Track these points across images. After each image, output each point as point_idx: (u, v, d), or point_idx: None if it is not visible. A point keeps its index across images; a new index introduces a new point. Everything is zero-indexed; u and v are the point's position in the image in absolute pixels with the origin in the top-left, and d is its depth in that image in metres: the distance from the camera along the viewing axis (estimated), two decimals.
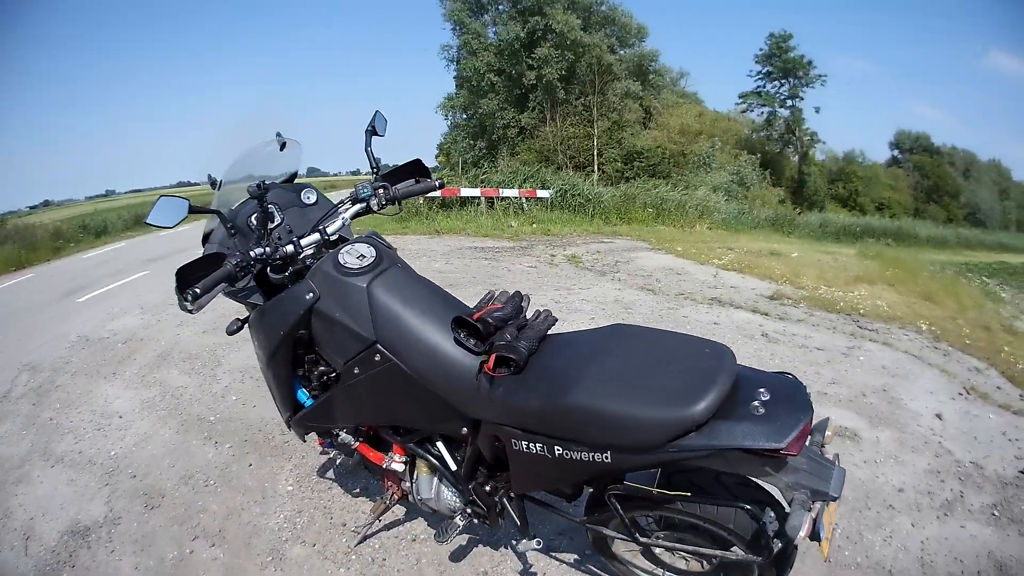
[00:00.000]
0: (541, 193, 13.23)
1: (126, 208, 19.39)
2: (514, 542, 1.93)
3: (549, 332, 1.74)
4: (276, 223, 1.99)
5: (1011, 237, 39.60)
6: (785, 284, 6.71)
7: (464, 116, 27.52)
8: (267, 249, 1.74)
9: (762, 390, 1.34)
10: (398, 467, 2.02)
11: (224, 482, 2.74)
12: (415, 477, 2.01)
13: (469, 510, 1.94)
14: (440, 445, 1.89)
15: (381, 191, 2.09)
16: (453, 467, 1.87)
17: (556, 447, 1.48)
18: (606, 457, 1.41)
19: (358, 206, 2.07)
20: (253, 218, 1.97)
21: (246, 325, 2.02)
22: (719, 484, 1.53)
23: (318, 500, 2.57)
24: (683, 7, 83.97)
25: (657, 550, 1.86)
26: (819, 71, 30.83)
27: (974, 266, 15.66)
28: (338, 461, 2.74)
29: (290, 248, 1.79)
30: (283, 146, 2.21)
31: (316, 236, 1.89)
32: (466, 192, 12.97)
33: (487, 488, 1.87)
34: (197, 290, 1.53)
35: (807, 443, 1.38)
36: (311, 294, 1.75)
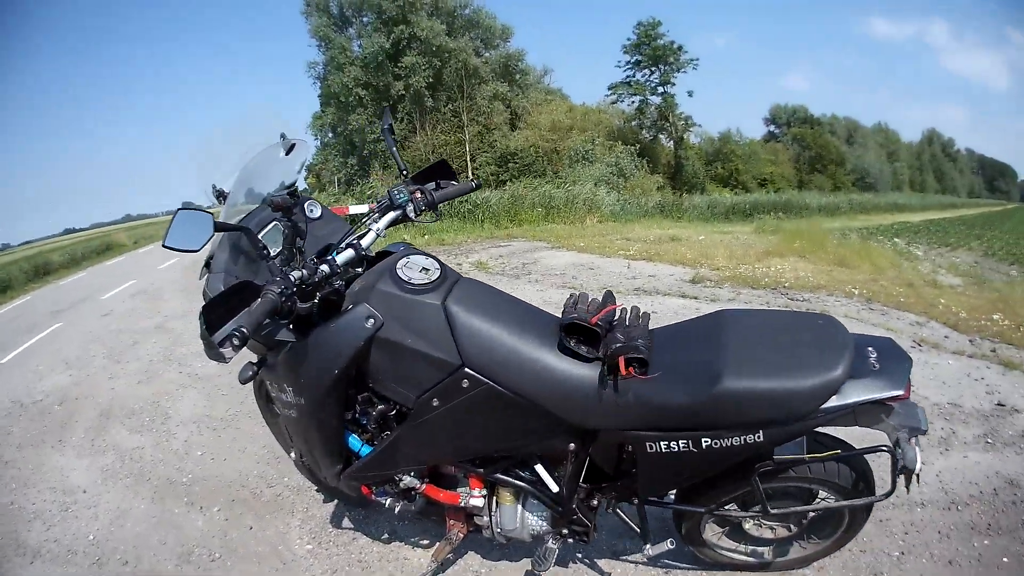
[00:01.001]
0: (354, 208, 13.43)
1: (25, 260, 17.14)
2: (621, 548, 1.93)
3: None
4: (300, 242, 1.75)
5: (905, 197, 43.40)
6: (700, 267, 7.02)
7: (332, 135, 27.08)
8: (304, 271, 1.48)
9: (869, 348, 1.48)
10: (478, 502, 1.79)
11: (230, 552, 2.34)
12: (495, 509, 1.82)
13: (566, 530, 1.80)
14: (539, 468, 1.72)
15: (418, 195, 1.87)
16: (555, 488, 1.71)
17: (704, 439, 1.45)
18: (758, 436, 1.43)
19: (392, 214, 1.85)
20: (263, 236, 1.73)
21: (262, 369, 1.72)
22: (817, 443, 1.62)
23: (348, 555, 2.25)
24: (541, 3, 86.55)
25: (747, 524, 1.87)
26: (690, 55, 31.91)
27: (875, 229, 17.26)
28: (345, 510, 2.47)
29: (325, 269, 1.54)
30: (290, 149, 1.93)
31: (351, 253, 1.67)
32: (355, 209, 12.79)
33: (592, 503, 1.76)
34: (244, 330, 1.25)
35: None
36: (372, 320, 1.53)
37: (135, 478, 2.99)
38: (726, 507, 1.74)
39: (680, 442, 1.47)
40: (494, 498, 1.82)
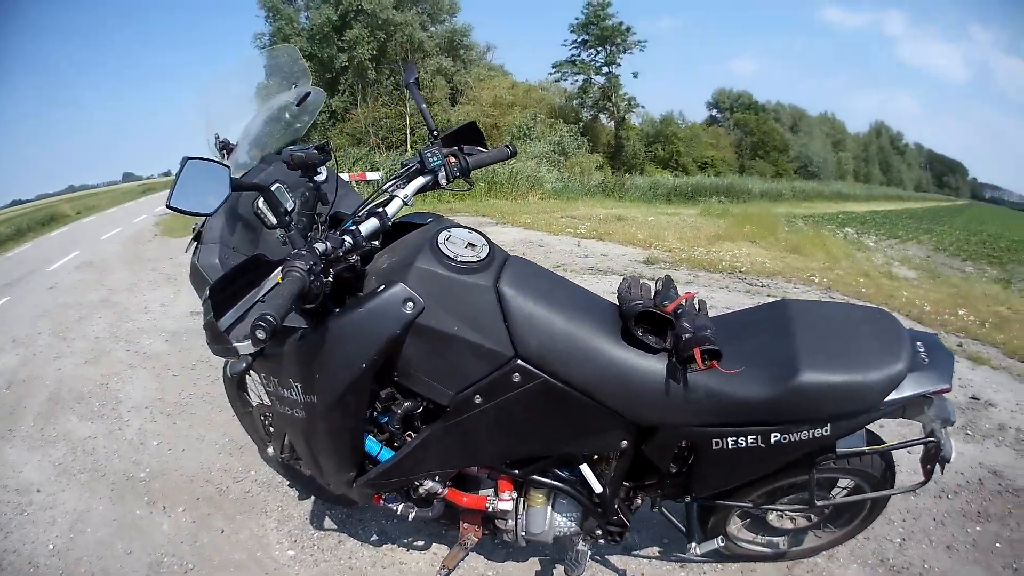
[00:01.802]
0: (371, 175, 12.92)
1: None
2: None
3: None
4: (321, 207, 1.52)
5: (849, 187, 44.34)
6: (653, 248, 7.04)
7: None
8: (329, 244, 1.28)
9: (919, 343, 1.48)
10: (507, 505, 1.63)
11: (204, 561, 2.08)
12: (522, 511, 1.67)
13: (599, 531, 1.68)
14: (584, 468, 1.57)
15: (452, 160, 1.66)
16: (598, 488, 1.57)
17: (773, 435, 1.39)
18: (826, 430, 1.40)
19: (422, 179, 1.62)
20: (260, 203, 1.49)
21: (256, 360, 1.51)
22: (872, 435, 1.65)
23: (336, 560, 2.05)
24: None
25: (770, 516, 1.84)
26: (638, 37, 31.54)
27: (821, 217, 17.79)
28: (325, 509, 2.26)
29: (349, 241, 1.33)
30: (304, 99, 1.68)
31: (374, 223, 1.46)
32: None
33: (634, 502, 1.67)
34: (273, 318, 1.02)
35: None
36: (410, 303, 1.31)
37: (90, 474, 2.66)
38: (775, 501, 1.71)
39: (748, 438, 1.40)
40: (521, 499, 1.67)
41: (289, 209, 1.38)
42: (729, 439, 1.41)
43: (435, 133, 1.69)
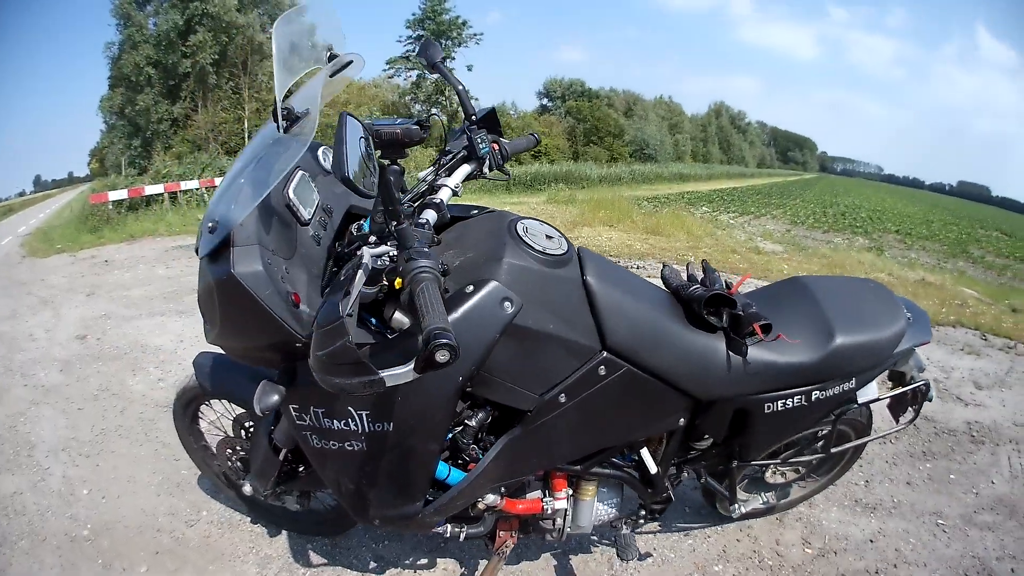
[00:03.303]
0: (219, 180, 12.67)
1: None
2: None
3: None
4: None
5: (688, 167, 46.47)
6: None
7: (117, 117, 25.65)
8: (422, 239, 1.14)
9: (903, 306, 1.70)
10: (562, 504, 1.57)
11: None
12: (571, 506, 1.61)
13: (643, 511, 1.71)
14: (644, 451, 1.57)
15: (496, 147, 1.56)
16: (654, 469, 1.58)
17: (814, 392, 1.53)
18: (851, 383, 1.59)
19: (467, 167, 1.51)
20: (291, 193, 1.29)
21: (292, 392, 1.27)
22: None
23: None
24: None
25: (767, 473, 1.98)
26: (474, 30, 32.43)
27: (666, 198, 18.50)
28: (306, 541, 2.06)
29: (425, 236, 1.18)
30: (340, 69, 1.40)
31: (432, 215, 1.31)
32: (150, 190, 12.72)
33: (679, 476, 1.72)
34: (449, 333, 0.87)
35: None
36: (508, 303, 1.19)
37: (30, 539, 2.18)
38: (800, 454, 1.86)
39: (795, 398, 1.52)
40: (578, 495, 1.62)
41: (317, 203, 1.26)
42: (779, 402, 1.50)
43: (474, 117, 1.58)
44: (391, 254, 1.13)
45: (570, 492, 1.60)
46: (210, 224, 1.15)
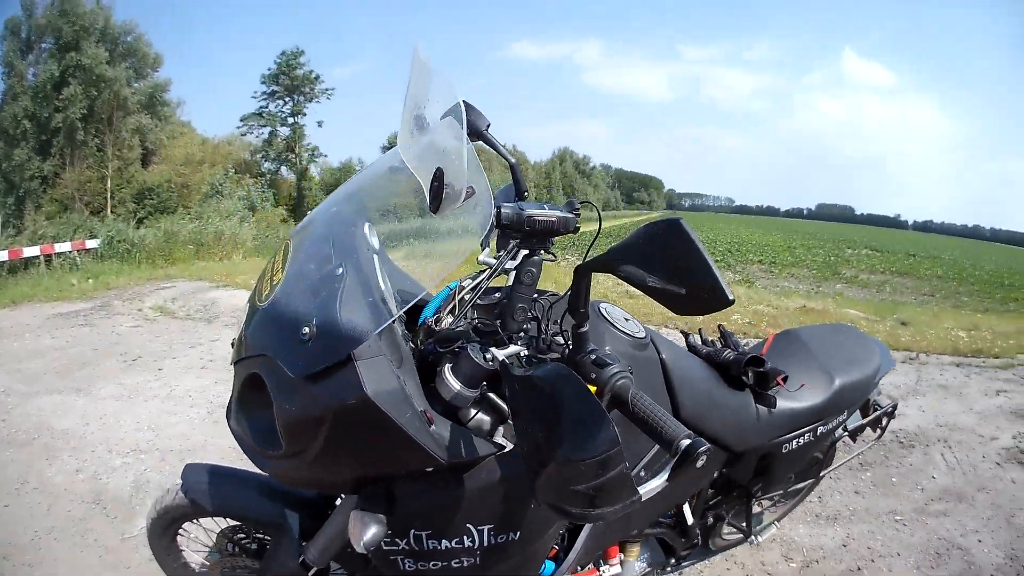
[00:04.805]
0: (90, 243, 12.48)
1: None
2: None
3: None
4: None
5: None
6: None
7: None
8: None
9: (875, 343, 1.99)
10: (616, 569, 1.59)
11: None
12: (621, 570, 1.62)
13: (674, 559, 1.77)
14: (684, 506, 1.64)
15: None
16: (691, 520, 1.67)
17: (819, 428, 1.69)
18: (845, 415, 1.78)
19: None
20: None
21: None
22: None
23: None
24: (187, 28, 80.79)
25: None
26: (326, 85, 32.58)
27: None
28: None
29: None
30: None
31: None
32: (28, 252, 11.70)
33: (707, 520, 1.80)
34: (693, 437, 0.88)
35: None
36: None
37: None
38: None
39: (806, 436, 1.66)
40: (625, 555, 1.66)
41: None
42: (795, 441, 1.66)
43: (525, 193, 1.37)
44: (521, 354, 1.09)
45: (622, 557, 1.63)
46: (305, 331, 0.93)
